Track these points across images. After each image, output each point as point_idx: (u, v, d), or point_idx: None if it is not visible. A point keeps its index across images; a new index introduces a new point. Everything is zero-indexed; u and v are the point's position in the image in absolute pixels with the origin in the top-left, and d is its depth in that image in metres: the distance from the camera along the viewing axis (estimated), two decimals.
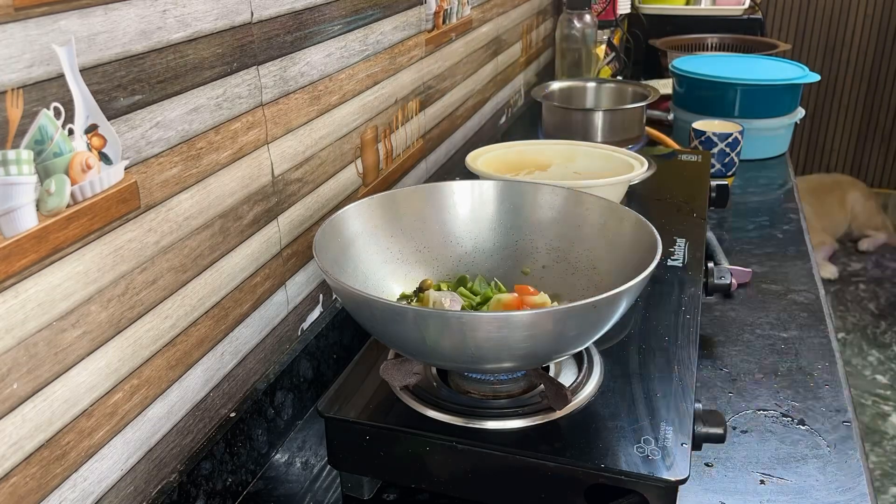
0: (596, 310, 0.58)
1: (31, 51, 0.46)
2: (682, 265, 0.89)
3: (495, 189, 0.81)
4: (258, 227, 0.73)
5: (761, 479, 0.70)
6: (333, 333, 0.86)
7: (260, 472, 0.74)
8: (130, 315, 0.57)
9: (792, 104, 1.52)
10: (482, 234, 0.81)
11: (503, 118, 1.61)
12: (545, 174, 1.06)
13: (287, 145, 0.76)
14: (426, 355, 0.64)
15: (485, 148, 1.07)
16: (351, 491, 0.69)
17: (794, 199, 1.35)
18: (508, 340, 0.57)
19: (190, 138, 0.62)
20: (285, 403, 0.78)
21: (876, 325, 2.79)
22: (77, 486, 0.54)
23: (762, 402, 0.81)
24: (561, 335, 0.59)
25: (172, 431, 0.64)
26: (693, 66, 1.57)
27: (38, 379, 0.50)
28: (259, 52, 0.69)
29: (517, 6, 1.59)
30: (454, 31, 1.22)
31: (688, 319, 0.77)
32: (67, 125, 0.49)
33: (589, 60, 1.75)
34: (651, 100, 1.34)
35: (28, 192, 0.47)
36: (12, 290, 0.47)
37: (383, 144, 0.98)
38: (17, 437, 0.49)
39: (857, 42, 3.33)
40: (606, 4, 1.93)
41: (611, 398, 0.66)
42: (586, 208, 0.77)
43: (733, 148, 1.36)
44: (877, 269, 3.16)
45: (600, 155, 1.07)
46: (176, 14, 0.58)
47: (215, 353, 0.68)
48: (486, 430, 0.62)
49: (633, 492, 0.58)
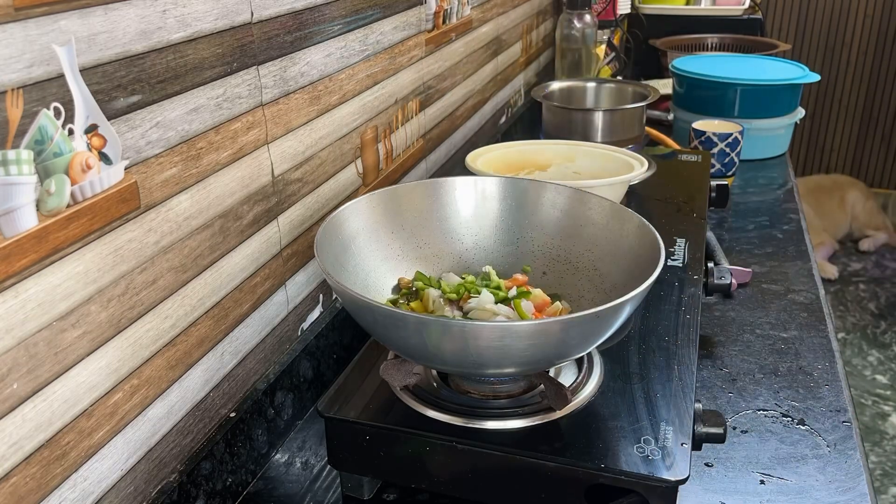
0: (599, 319, 0.58)
1: (31, 51, 0.46)
2: (682, 265, 0.89)
3: (497, 186, 0.81)
4: (258, 227, 0.73)
5: (761, 479, 0.70)
6: (333, 333, 0.86)
7: (260, 472, 0.74)
8: (130, 315, 0.57)
9: (792, 104, 1.52)
10: (483, 232, 0.81)
11: (503, 118, 1.61)
12: (545, 174, 1.06)
13: (287, 145, 0.76)
14: (427, 360, 0.64)
15: (485, 148, 1.07)
16: (351, 491, 0.69)
17: (794, 199, 1.35)
18: (511, 349, 0.57)
19: (190, 138, 0.62)
20: (285, 403, 0.78)
21: (876, 325, 2.79)
22: (77, 486, 0.54)
23: (762, 402, 0.81)
24: (563, 343, 0.59)
25: (172, 431, 0.64)
26: (693, 66, 1.57)
27: (38, 379, 0.50)
28: (259, 52, 0.69)
29: (517, 6, 1.59)
30: (454, 31, 1.22)
31: (688, 319, 0.77)
32: (67, 125, 0.49)
33: (589, 60, 1.75)
34: (651, 100, 1.34)
35: (28, 192, 0.47)
36: (12, 290, 0.47)
37: (383, 144, 0.98)
38: (17, 437, 0.49)
39: (857, 42, 3.33)
40: (606, 4, 1.93)
41: (611, 398, 0.66)
42: (589, 208, 0.76)
43: (733, 148, 1.36)
44: (877, 269, 3.16)
45: (600, 155, 1.07)
46: (176, 14, 0.58)
47: (215, 353, 0.68)
48: (486, 430, 0.62)
49: (633, 492, 0.58)
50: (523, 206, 0.80)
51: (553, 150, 1.10)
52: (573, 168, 1.07)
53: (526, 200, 0.80)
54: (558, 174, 1.07)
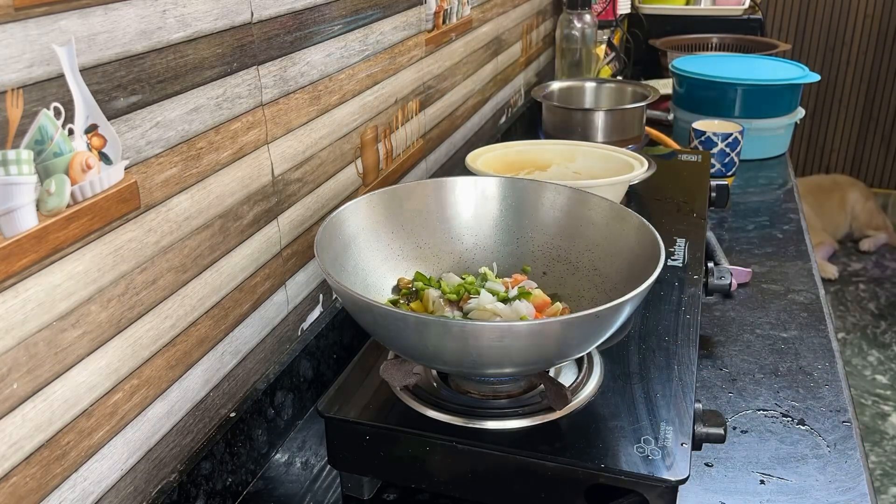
0: (599, 319, 0.58)
1: (31, 51, 0.46)
2: (682, 265, 0.89)
3: (498, 186, 0.81)
4: (258, 227, 0.73)
5: (761, 479, 0.70)
6: (333, 333, 0.86)
7: (260, 472, 0.74)
8: (130, 315, 0.57)
9: (792, 104, 1.52)
10: (483, 232, 0.80)
11: (503, 118, 1.61)
12: (545, 174, 1.06)
13: (287, 145, 0.76)
14: (427, 360, 0.64)
15: (485, 148, 1.07)
16: (351, 491, 0.69)
17: (794, 199, 1.35)
18: (510, 349, 0.57)
19: (190, 138, 0.62)
20: (285, 403, 0.78)
21: (876, 325, 2.79)
22: (77, 486, 0.54)
23: (762, 402, 0.81)
24: (563, 343, 0.59)
25: (172, 431, 0.64)
26: (693, 66, 1.57)
27: (38, 379, 0.50)
28: (259, 52, 0.69)
29: (517, 6, 1.59)
30: (454, 31, 1.22)
31: (688, 319, 0.77)
32: (67, 125, 0.49)
33: (589, 60, 1.75)
34: (651, 100, 1.34)
35: (28, 192, 0.47)
36: (12, 290, 0.47)
37: (383, 144, 0.98)
38: (17, 437, 0.49)
39: (857, 42, 3.33)
40: (606, 4, 1.93)
41: (611, 398, 0.66)
42: (589, 209, 0.76)
43: (733, 148, 1.36)
44: (877, 269, 3.16)
45: (600, 155, 1.07)
46: (176, 14, 0.58)
47: (215, 353, 0.68)
48: (486, 430, 0.62)
49: (633, 492, 0.58)
50: (523, 206, 0.80)
51: (553, 150, 1.10)
52: (573, 168, 1.07)
53: (526, 200, 0.80)
54: (558, 174, 1.07)
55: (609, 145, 1.11)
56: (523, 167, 1.08)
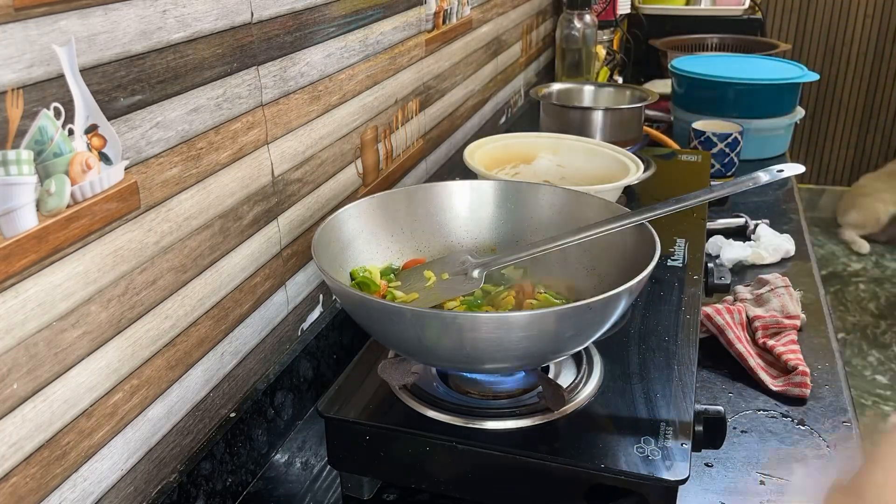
0: (592, 311, 0.58)
1: (31, 51, 0.46)
2: (682, 265, 0.89)
3: (494, 189, 0.81)
4: (258, 228, 0.73)
5: (761, 480, 0.70)
6: (333, 333, 0.86)
7: (260, 472, 0.74)
8: (130, 315, 0.57)
9: (791, 104, 1.52)
10: (481, 234, 0.81)
11: (503, 118, 1.61)
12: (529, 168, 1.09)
13: (287, 145, 0.76)
14: (423, 355, 0.64)
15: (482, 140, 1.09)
16: (351, 491, 0.69)
17: (794, 199, 1.35)
18: (505, 341, 0.57)
19: (190, 138, 0.62)
20: (285, 403, 0.78)
21: (876, 325, 2.79)
22: (77, 487, 0.54)
23: (762, 402, 0.81)
24: (558, 336, 0.59)
25: (172, 431, 0.64)
26: (693, 66, 1.57)
27: (38, 379, 0.50)
28: (259, 52, 0.69)
29: (517, 6, 1.59)
30: (454, 32, 1.22)
31: (688, 319, 0.77)
32: (67, 125, 0.49)
33: (589, 61, 1.75)
34: (649, 102, 1.34)
35: (28, 193, 0.47)
36: (12, 291, 0.47)
37: (383, 144, 0.98)
38: (17, 438, 0.49)
39: (857, 42, 3.33)
40: (606, 4, 1.93)
41: (611, 398, 0.66)
42: (586, 208, 0.77)
43: (733, 148, 1.36)
44: (877, 269, 3.16)
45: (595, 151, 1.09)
46: (176, 14, 0.58)
47: (215, 353, 0.68)
48: (486, 430, 0.62)
49: (633, 492, 0.58)
50: (521, 207, 0.80)
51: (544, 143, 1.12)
52: (556, 161, 1.09)
53: (523, 202, 0.80)
54: (543, 168, 1.09)
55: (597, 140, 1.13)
56: (510, 160, 1.09)
